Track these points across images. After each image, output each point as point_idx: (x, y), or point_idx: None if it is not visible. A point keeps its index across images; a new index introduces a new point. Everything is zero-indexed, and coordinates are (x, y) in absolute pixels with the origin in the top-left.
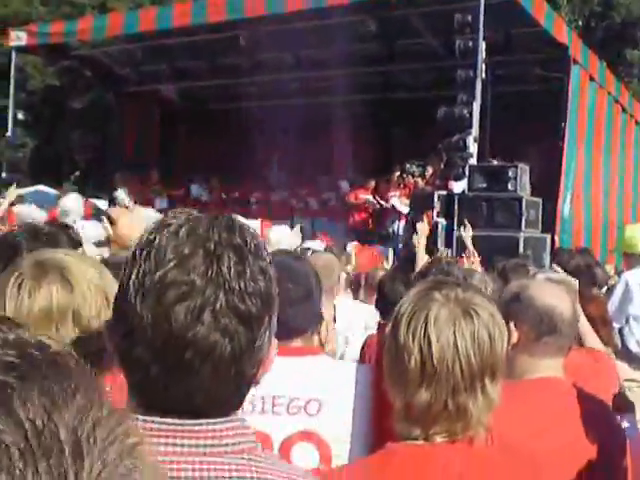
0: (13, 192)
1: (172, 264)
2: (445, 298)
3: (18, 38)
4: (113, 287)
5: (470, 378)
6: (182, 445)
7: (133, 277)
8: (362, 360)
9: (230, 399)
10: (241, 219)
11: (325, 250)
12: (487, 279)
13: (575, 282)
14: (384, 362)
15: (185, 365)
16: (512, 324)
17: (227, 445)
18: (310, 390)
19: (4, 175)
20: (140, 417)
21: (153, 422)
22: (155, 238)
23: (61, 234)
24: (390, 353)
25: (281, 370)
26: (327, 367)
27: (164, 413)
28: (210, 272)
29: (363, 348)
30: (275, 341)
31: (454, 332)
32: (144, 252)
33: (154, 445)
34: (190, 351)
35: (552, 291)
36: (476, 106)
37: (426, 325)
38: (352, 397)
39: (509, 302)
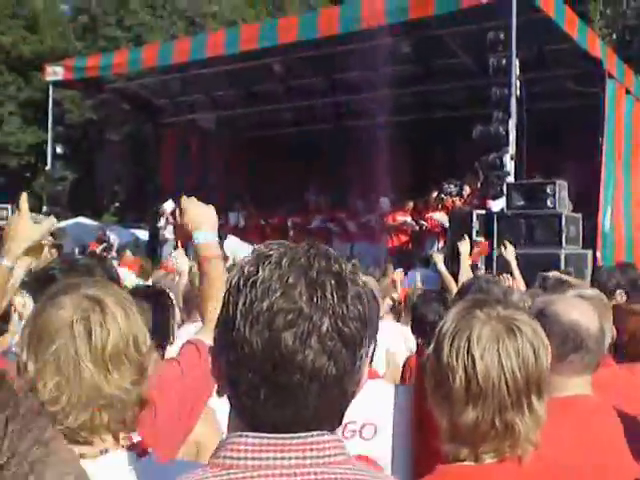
0: (25, 201)
1: (279, 293)
2: (487, 316)
3: (55, 73)
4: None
5: (516, 395)
6: (289, 458)
7: (240, 306)
8: (402, 381)
9: (333, 416)
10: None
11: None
12: (525, 297)
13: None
14: (427, 383)
15: (294, 387)
16: None
17: (329, 456)
18: (366, 414)
19: (45, 209)
20: (250, 434)
21: (262, 439)
22: (258, 270)
23: (96, 267)
24: (434, 373)
25: None
26: (384, 391)
27: (274, 430)
28: (315, 299)
29: (404, 368)
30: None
31: (498, 350)
32: (249, 282)
33: (263, 460)
34: (299, 374)
35: (577, 306)
36: (512, 123)
37: (469, 344)
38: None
39: (533, 318)
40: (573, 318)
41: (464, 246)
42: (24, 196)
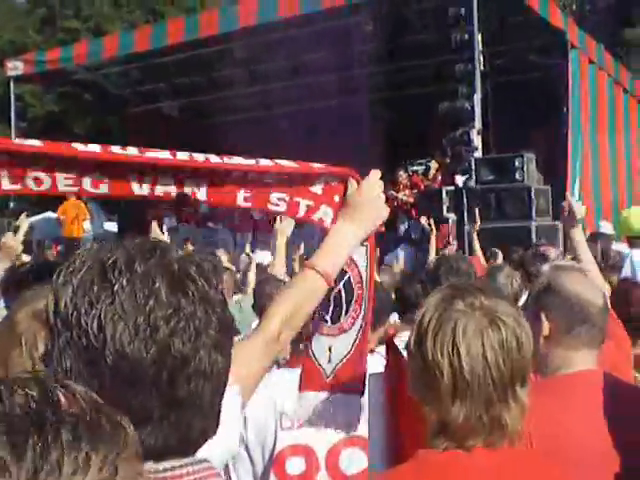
0: (25, 221)
1: (152, 300)
2: (469, 307)
3: (15, 68)
4: None
5: (502, 388)
6: None
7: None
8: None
9: (213, 426)
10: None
11: None
12: (515, 273)
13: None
14: (410, 377)
15: (192, 395)
16: (543, 315)
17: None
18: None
19: (12, 205)
20: (162, 464)
21: (174, 467)
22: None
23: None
24: (417, 369)
25: None
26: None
27: (183, 454)
28: (190, 293)
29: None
30: None
31: (482, 343)
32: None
33: None
34: (194, 377)
35: (581, 280)
36: (477, 98)
37: (454, 338)
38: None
39: (540, 293)
40: (578, 291)
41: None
42: (24, 220)
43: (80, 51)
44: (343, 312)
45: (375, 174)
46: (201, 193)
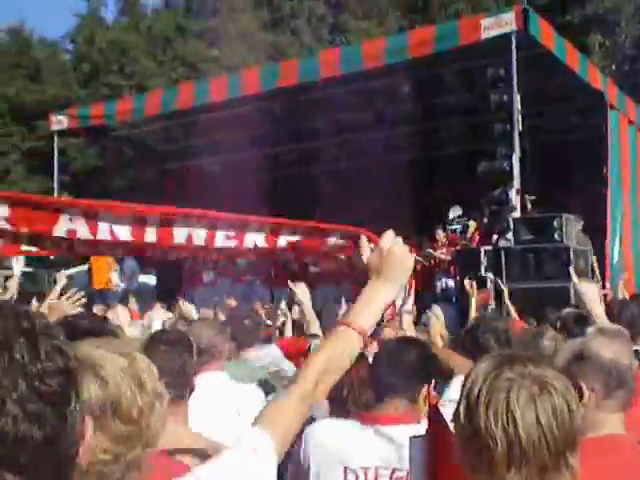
0: (63, 275)
1: None
2: (519, 376)
3: (59, 122)
4: (147, 370)
5: (556, 454)
6: None
7: None
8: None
9: None
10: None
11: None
12: (558, 336)
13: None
14: (459, 449)
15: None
16: (584, 385)
17: None
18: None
19: (52, 257)
20: None
21: None
22: None
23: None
24: (467, 438)
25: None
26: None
27: None
28: (2, 362)
29: None
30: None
31: (536, 410)
32: None
33: None
34: (1, 448)
35: (614, 345)
36: (515, 158)
37: (507, 406)
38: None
39: (573, 361)
40: (613, 357)
41: (471, 284)
42: (62, 274)
43: (123, 107)
44: None
45: (390, 233)
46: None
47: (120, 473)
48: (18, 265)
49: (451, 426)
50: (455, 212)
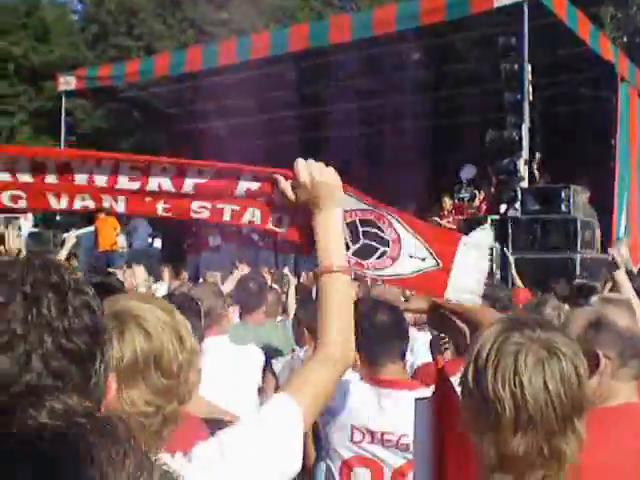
0: (72, 236)
1: None
2: (528, 340)
3: (67, 83)
4: (184, 325)
5: (563, 419)
6: None
7: None
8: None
9: None
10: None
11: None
12: (561, 305)
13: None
14: (466, 412)
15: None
16: (600, 352)
17: None
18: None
19: (58, 218)
20: None
21: None
22: None
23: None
24: (474, 403)
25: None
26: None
27: None
28: (30, 316)
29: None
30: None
31: (544, 375)
32: None
33: None
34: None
35: (627, 314)
36: (525, 128)
37: (515, 371)
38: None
39: (589, 328)
40: (627, 325)
41: None
42: (71, 235)
43: (131, 69)
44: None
45: (301, 163)
46: (119, 206)
47: (157, 426)
48: (26, 225)
49: (458, 390)
50: (468, 172)
